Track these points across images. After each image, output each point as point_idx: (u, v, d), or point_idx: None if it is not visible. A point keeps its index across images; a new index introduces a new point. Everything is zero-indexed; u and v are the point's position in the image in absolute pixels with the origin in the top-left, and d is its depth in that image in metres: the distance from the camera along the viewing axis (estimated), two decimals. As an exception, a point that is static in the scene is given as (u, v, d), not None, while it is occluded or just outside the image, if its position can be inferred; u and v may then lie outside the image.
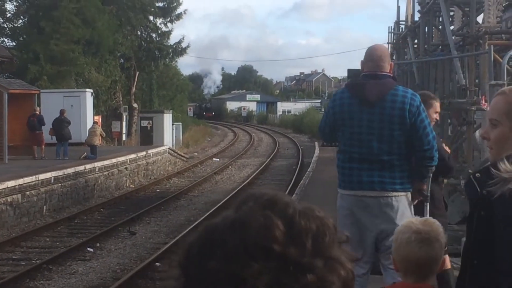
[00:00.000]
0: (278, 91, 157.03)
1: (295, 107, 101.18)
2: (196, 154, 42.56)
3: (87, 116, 32.57)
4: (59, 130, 25.95)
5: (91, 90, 35.35)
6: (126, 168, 26.75)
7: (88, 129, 28.08)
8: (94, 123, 28.67)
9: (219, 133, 67.91)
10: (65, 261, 14.35)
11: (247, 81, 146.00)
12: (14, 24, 43.57)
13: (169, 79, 56.69)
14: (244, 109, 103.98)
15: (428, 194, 6.15)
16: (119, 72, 45.35)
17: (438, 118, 7.25)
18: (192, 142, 48.97)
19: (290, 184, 25.65)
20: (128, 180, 26.85)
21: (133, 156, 27.85)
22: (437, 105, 6.85)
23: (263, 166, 34.29)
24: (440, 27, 20.81)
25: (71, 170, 21.84)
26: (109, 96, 44.12)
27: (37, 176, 19.56)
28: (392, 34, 33.21)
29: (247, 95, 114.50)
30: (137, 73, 46.81)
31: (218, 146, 50.09)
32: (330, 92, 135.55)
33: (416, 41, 25.64)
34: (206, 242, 1.08)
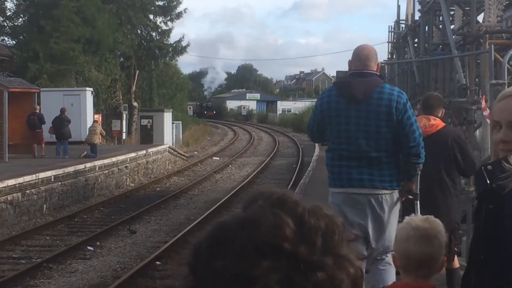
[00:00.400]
0: (278, 90, 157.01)
1: (295, 106, 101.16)
2: (196, 153, 42.57)
3: (87, 114, 32.58)
4: (59, 128, 25.95)
5: (91, 89, 35.35)
6: (126, 166, 26.76)
7: (88, 127, 28.07)
8: (94, 121, 28.67)
9: (219, 132, 67.91)
10: (65, 259, 14.35)
11: (247, 80, 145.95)
12: (14, 23, 43.58)
13: (169, 78, 56.73)
14: (244, 108, 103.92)
15: (418, 193, 6.21)
16: (119, 70, 45.35)
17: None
18: (192, 141, 48.98)
19: (290, 183, 25.64)
20: (128, 179, 26.86)
21: (133, 155, 27.85)
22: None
23: (263, 165, 34.30)
24: (441, 26, 20.81)
25: (71, 169, 21.84)
26: (109, 95, 44.12)
27: (37, 174, 19.56)
28: (392, 33, 33.21)
29: (247, 94, 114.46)
30: (137, 71, 46.80)
31: (218, 145, 50.10)
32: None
33: (416, 40, 25.62)
34: (215, 241, 1.07)
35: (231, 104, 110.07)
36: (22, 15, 43.29)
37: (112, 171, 25.27)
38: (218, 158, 38.48)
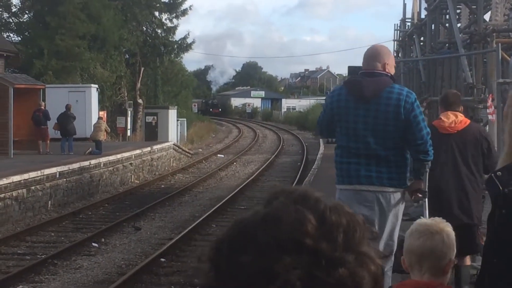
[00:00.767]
0: (282, 88, 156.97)
1: (300, 104, 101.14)
2: (200, 150, 42.56)
3: (92, 111, 32.57)
4: (64, 125, 25.97)
5: (96, 86, 35.35)
6: (131, 163, 26.76)
7: (93, 124, 28.07)
8: (99, 118, 28.68)
9: (224, 129, 67.89)
10: (70, 256, 14.35)
11: (251, 77, 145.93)
12: (20, 19, 43.61)
13: (174, 75, 56.70)
14: (248, 105, 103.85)
15: (426, 190, 6.30)
16: (124, 67, 45.37)
17: None
18: (196, 138, 48.95)
19: (295, 181, 25.63)
20: (133, 176, 26.86)
21: (138, 151, 27.85)
22: None
23: (267, 162, 34.27)
24: (447, 25, 20.76)
25: (76, 165, 21.85)
26: (114, 92, 44.15)
27: (42, 171, 19.57)
28: (398, 32, 33.19)
29: (252, 92, 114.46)
30: (142, 68, 46.83)
31: (223, 143, 50.08)
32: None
33: (422, 38, 25.59)
34: (237, 237, 1.07)
35: (236, 102, 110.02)
36: (27, 12, 43.32)
37: (117, 168, 25.27)
38: (223, 156, 38.46)
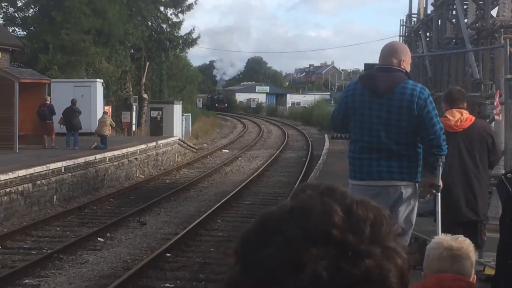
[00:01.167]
0: (287, 83, 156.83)
1: (305, 99, 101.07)
2: (205, 145, 42.57)
3: (97, 106, 32.55)
4: (69, 119, 25.98)
5: (102, 80, 35.33)
6: (136, 158, 26.77)
7: (98, 119, 28.07)
8: (104, 113, 28.66)
9: (228, 124, 67.87)
10: (75, 250, 14.36)
11: (256, 72, 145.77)
12: (25, 14, 43.64)
13: (179, 70, 56.67)
14: (253, 100, 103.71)
15: (440, 184, 6.38)
16: (129, 62, 45.38)
17: None
18: (201, 133, 48.95)
19: (300, 176, 25.62)
20: (138, 171, 26.87)
21: (143, 146, 27.85)
22: None
23: (272, 158, 34.27)
24: (454, 21, 20.69)
25: (81, 160, 21.86)
26: (119, 87, 44.15)
27: (47, 165, 19.58)
28: (404, 27, 33.09)
29: (257, 87, 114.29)
30: (147, 63, 46.82)
31: (228, 138, 50.09)
32: (340, 85, 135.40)
33: (428, 34, 25.50)
34: (264, 230, 1.07)
35: (241, 97, 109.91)
36: (33, 6, 43.34)
37: (122, 162, 25.28)
38: (228, 151, 38.47)
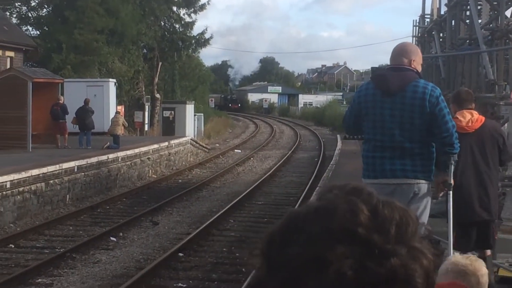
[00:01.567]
0: (299, 84, 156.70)
1: (317, 99, 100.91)
2: (217, 145, 42.59)
3: (110, 105, 32.62)
4: (82, 119, 26.04)
5: (114, 80, 35.39)
6: (149, 158, 26.80)
7: (111, 118, 28.13)
8: (117, 113, 28.72)
9: (240, 124, 67.88)
10: (88, 250, 14.39)
11: (268, 73, 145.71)
12: (39, 13, 43.82)
13: (191, 70, 56.70)
14: (265, 101, 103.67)
15: (452, 182, 6.44)
16: (142, 62, 45.48)
17: None
18: (213, 133, 48.99)
19: (312, 177, 25.58)
20: (150, 170, 26.91)
21: (155, 146, 27.88)
22: None
23: (284, 158, 34.25)
24: (468, 21, 20.60)
25: (94, 160, 21.91)
26: (131, 86, 44.26)
27: (60, 165, 19.63)
28: (417, 28, 32.96)
29: (269, 87, 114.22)
30: (159, 63, 46.90)
31: (240, 138, 50.09)
32: (352, 85, 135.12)
33: (441, 35, 25.41)
34: (289, 229, 1.08)
35: (253, 97, 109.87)
36: (46, 6, 43.53)
37: (135, 162, 25.32)
38: (240, 151, 38.47)
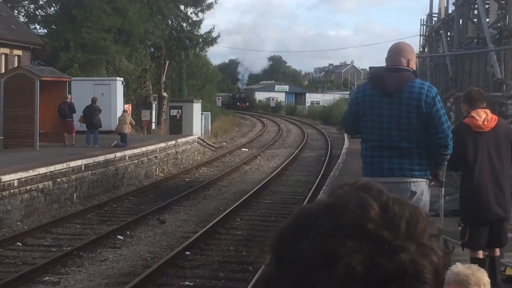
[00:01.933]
0: (306, 82, 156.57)
1: (324, 98, 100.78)
2: (224, 144, 42.60)
3: (117, 104, 32.67)
4: (90, 117, 26.08)
5: (122, 79, 35.45)
6: (156, 156, 26.83)
7: (118, 117, 28.17)
8: (124, 111, 28.76)
9: (248, 123, 67.86)
10: (95, 248, 14.43)
11: (276, 71, 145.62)
12: (46, 12, 43.89)
13: (198, 69, 56.72)
14: (272, 99, 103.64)
15: (443, 180, 6.66)
16: (149, 61, 45.52)
17: None
18: (220, 132, 49.00)
19: (320, 175, 25.57)
20: (157, 169, 26.94)
21: (162, 145, 27.91)
22: None
23: (292, 157, 34.24)
24: (475, 20, 20.54)
25: (101, 158, 21.94)
26: (139, 85, 44.31)
27: (68, 163, 19.67)
28: (424, 27, 32.90)
29: (276, 86, 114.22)
30: (167, 62, 46.93)
31: (247, 136, 50.09)
32: (359, 84, 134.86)
33: (449, 33, 25.34)
34: (299, 225, 1.08)
35: (260, 96, 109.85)
36: (54, 4, 43.59)
37: (142, 161, 25.35)
38: (247, 150, 38.47)
